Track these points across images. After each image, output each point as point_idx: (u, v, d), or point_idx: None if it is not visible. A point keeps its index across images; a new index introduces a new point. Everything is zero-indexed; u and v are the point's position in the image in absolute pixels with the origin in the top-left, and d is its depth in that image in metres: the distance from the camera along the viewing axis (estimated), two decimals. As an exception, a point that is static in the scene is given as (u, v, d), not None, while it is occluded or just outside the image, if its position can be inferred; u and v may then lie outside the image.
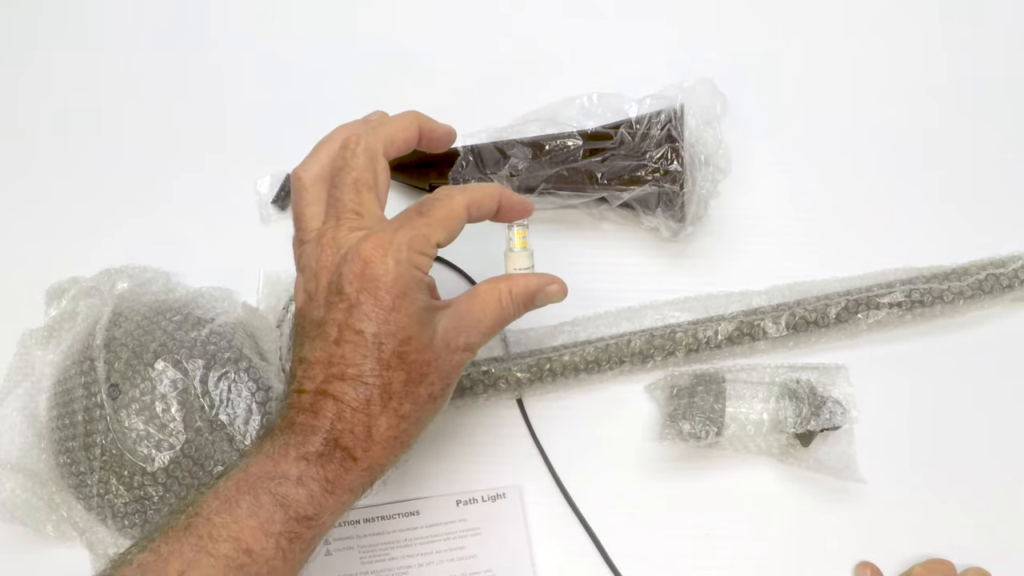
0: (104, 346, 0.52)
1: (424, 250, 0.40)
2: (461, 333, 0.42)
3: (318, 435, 0.40)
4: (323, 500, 0.40)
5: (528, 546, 0.54)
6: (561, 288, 0.46)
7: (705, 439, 0.51)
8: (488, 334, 0.44)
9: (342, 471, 0.40)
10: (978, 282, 0.56)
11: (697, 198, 0.55)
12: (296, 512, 0.39)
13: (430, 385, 0.42)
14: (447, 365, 0.42)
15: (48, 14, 0.67)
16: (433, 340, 0.41)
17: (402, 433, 0.41)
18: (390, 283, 0.39)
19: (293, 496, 0.39)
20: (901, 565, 0.53)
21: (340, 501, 0.41)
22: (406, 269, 0.40)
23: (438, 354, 0.41)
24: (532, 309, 0.46)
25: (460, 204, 0.42)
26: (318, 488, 0.40)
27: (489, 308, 0.43)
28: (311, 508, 0.39)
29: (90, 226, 0.62)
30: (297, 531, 0.39)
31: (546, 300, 0.45)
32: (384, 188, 0.44)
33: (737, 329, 0.55)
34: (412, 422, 0.42)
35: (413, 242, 0.40)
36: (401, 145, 0.44)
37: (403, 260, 0.39)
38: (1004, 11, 0.64)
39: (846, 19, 0.64)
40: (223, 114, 0.64)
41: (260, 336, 0.56)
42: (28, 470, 0.53)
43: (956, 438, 0.55)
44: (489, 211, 0.44)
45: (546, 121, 0.58)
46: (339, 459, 0.40)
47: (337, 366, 0.40)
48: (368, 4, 0.66)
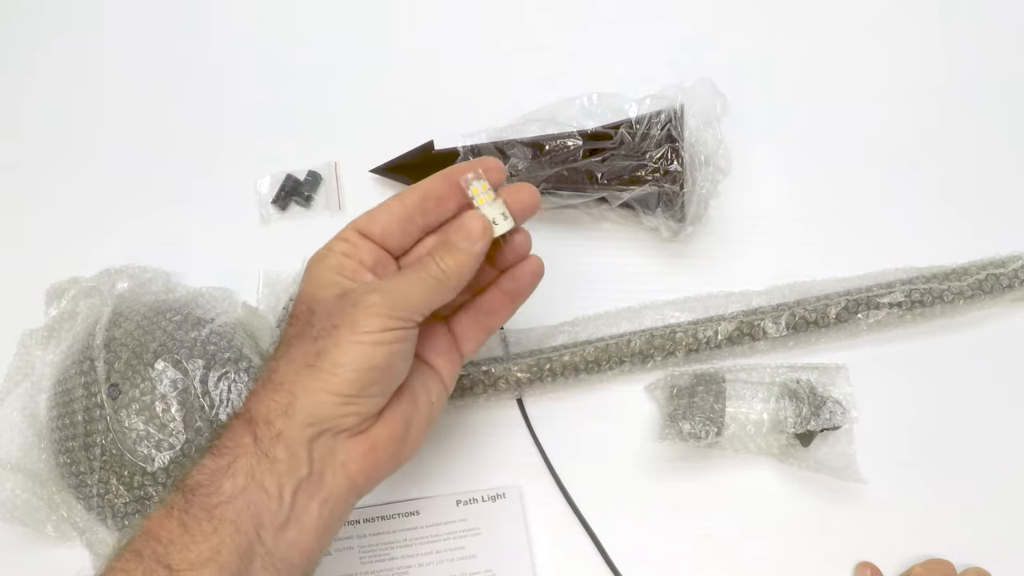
0: (104, 346, 0.52)
1: (341, 236, 0.43)
2: (373, 318, 0.39)
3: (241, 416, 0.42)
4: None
5: (528, 546, 0.54)
6: (524, 236, 0.45)
7: (705, 439, 0.51)
8: (420, 308, 0.41)
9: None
10: (978, 282, 0.56)
11: (697, 198, 0.55)
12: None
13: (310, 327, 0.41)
14: (337, 306, 0.40)
15: (48, 14, 0.67)
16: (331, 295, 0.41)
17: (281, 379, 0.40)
18: (309, 267, 0.43)
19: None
20: (901, 565, 0.53)
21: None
22: (319, 253, 0.43)
23: (326, 302, 0.41)
24: (480, 243, 0.42)
25: (394, 196, 0.43)
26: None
27: (420, 277, 0.41)
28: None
29: (90, 226, 0.62)
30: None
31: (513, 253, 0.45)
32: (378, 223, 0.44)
33: (737, 329, 0.55)
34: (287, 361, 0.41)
35: (335, 237, 0.43)
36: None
37: (323, 249, 0.43)
38: (1004, 11, 0.64)
39: (846, 19, 0.64)
40: (223, 114, 0.64)
41: (260, 336, 0.56)
42: (28, 470, 0.53)
43: (956, 438, 0.55)
44: (434, 188, 0.43)
45: (546, 121, 0.58)
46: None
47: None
48: (368, 4, 0.66)
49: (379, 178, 0.61)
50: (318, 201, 0.61)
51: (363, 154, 0.60)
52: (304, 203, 0.61)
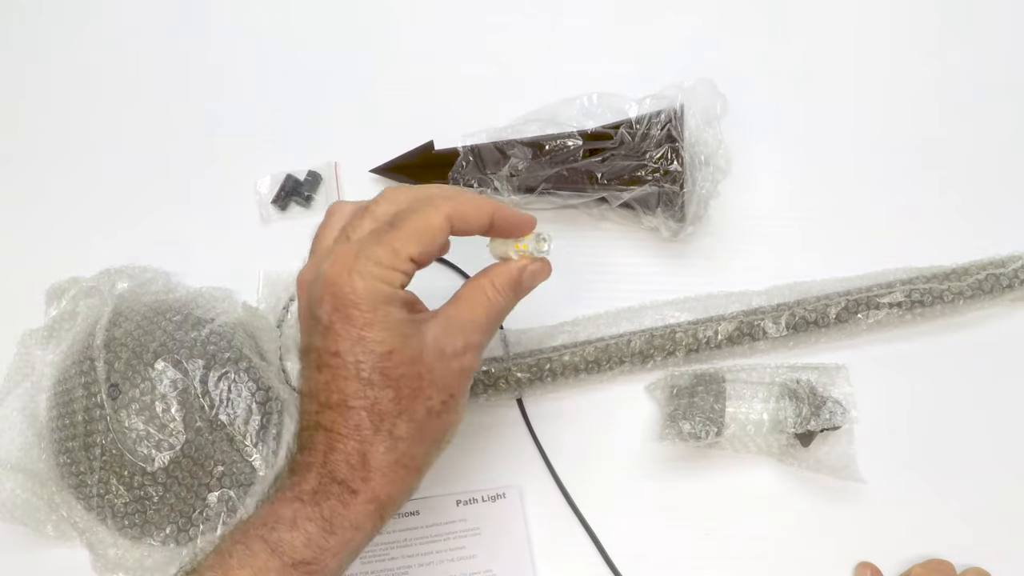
0: (104, 346, 0.52)
1: (394, 265, 0.38)
2: (455, 336, 0.40)
3: (312, 471, 0.38)
4: (322, 542, 0.38)
5: (528, 546, 0.54)
6: (544, 265, 0.44)
7: (705, 439, 0.51)
8: (484, 330, 0.41)
9: (340, 507, 0.38)
10: (978, 282, 0.56)
11: (697, 198, 0.55)
12: (291, 557, 0.37)
13: (427, 400, 0.39)
14: (445, 375, 0.39)
15: (48, 14, 0.67)
16: (423, 352, 0.39)
17: (403, 456, 0.39)
18: (358, 301, 0.37)
19: (287, 541, 0.37)
20: (901, 565, 0.53)
21: (343, 540, 0.38)
22: (373, 285, 0.37)
23: (431, 366, 0.39)
24: (523, 294, 0.44)
25: (439, 215, 0.38)
26: (315, 529, 0.38)
27: (478, 304, 0.41)
28: (308, 552, 0.37)
29: (90, 226, 0.62)
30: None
31: (532, 280, 0.43)
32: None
33: (737, 329, 0.55)
34: (414, 443, 0.39)
35: (381, 257, 0.37)
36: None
37: (368, 276, 0.37)
38: (1004, 12, 0.64)
39: (846, 19, 0.64)
40: (223, 114, 0.64)
41: (260, 336, 0.56)
42: (28, 470, 0.53)
43: (956, 438, 0.55)
44: (478, 226, 0.41)
45: (546, 121, 0.58)
46: (336, 494, 0.38)
47: (323, 393, 0.38)
48: (368, 4, 0.66)
49: (379, 178, 0.61)
50: (318, 201, 0.61)
51: (363, 154, 0.60)
52: (304, 203, 0.61)
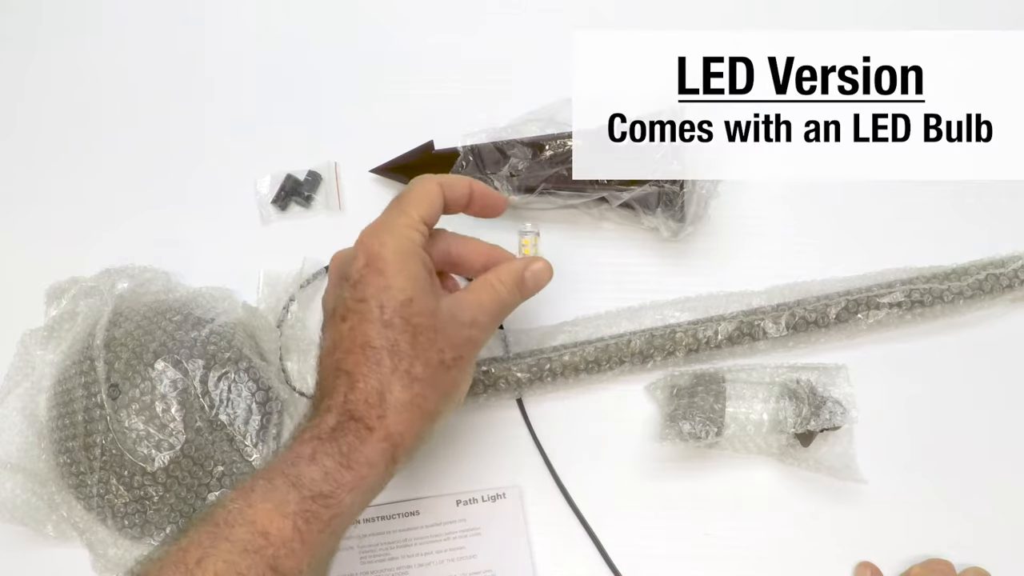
0: (104, 346, 0.52)
1: (409, 224, 0.43)
2: (465, 310, 0.44)
3: (332, 412, 0.41)
4: (339, 476, 0.40)
5: (528, 546, 0.54)
6: (546, 265, 0.48)
7: (705, 439, 0.51)
8: (490, 314, 0.45)
9: (357, 442, 0.40)
10: (978, 282, 0.56)
11: (697, 198, 0.55)
12: (310, 490, 0.39)
13: (440, 351, 0.42)
14: (456, 336, 0.43)
15: (47, 14, 0.67)
16: (438, 308, 0.43)
17: (417, 396, 0.41)
18: (388, 253, 0.42)
19: (307, 474, 0.39)
20: (901, 565, 0.53)
21: (359, 476, 0.40)
22: (399, 241, 0.43)
23: (444, 323, 0.43)
24: (528, 294, 0.47)
25: (432, 182, 0.45)
26: (332, 464, 0.40)
27: (485, 293, 0.45)
28: (326, 485, 0.39)
29: (90, 226, 0.62)
30: (313, 510, 0.39)
31: (536, 280, 0.47)
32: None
33: (737, 329, 0.55)
34: (427, 385, 0.42)
35: (399, 219, 0.43)
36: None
37: (396, 232, 0.43)
38: (1004, 12, 0.64)
39: (846, 19, 0.64)
40: (223, 114, 0.64)
41: (260, 336, 0.56)
42: (28, 470, 0.53)
43: (956, 438, 0.55)
44: (461, 194, 0.47)
45: (546, 121, 0.58)
46: (353, 430, 0.40)
47: (346, 340, 0.42)
48: (368, 5, 0.66)
49: (379, 178, 0.61)
50: (318, 201, 0.61)
51: (363, 154, 0.60)
52: (304, 203, 0.61)
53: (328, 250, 0.58)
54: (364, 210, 0.60)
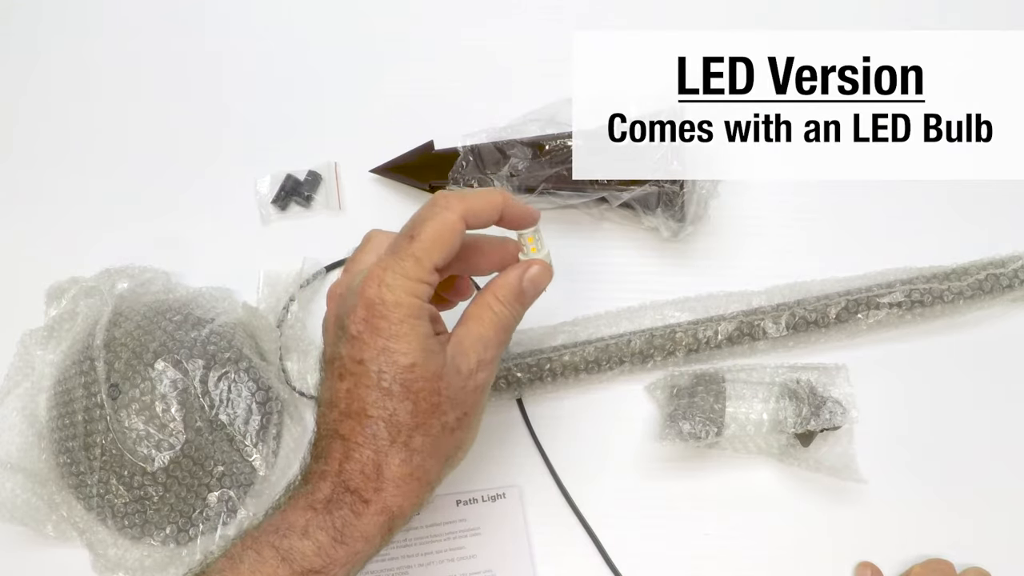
0: (104, 346, 0.52)
1: (420, 277, 0.39)
2: (469, 355, 0.41)
3: (327, 480, 0.39)
4: (332, 552, 0.38)
5: (528, 546, 0.54)
6: (543, 268, 0.44)
7: (705, 439, 0.51)
8: (495, 345, 0.42)
9: (352, 517, 0.38)
10: (978, 282, 0.56)
11: (697, 198, 0.55)
12: (301, 566, 0.37)
13: (443, 415, 0.40)
14: (462, 394, 0.41)
15: (48, 14, 0.67)
16: (443, 369, 0.40)
17: (417, 469, 0.39)
18: (387, 312, 0.38)
19: (298, 549, 0.38)
20: (901, 565, 0.53)
21: (352, 551, 0.39)
22: (402, 298, 0.39)
23: (449, 383, 0.40)
24: (529, 303, 0.44)
25: (453, 216, 0.40)
26: (326, 538, 0.38)
27: (484, 320, 0.42)
28: (318, 560, 0.38)
29: (90, 226, 0.62)
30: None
31: (535, 287, 0.44)
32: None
33: (737, 329, 0.55)
34: (427, 456, 0.40)
35: (407, 270, 0.39)
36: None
37: (398, 289, 0.39)
38: (1004, 12, 0.64)
39: (846, 18, 0.64)
40: (223, 114, 0.64)
41: (260, 336, 0.56)
42: (28, 470, 0.53)
43: (956, 438, 0.55)
44: (489, 219, 0.42)
45: (546, 121, 0.58)
46: (348, 503, 0.39)
47: (343, 402, 0.39)
48: (369, 4, 0.66)
49: (379, 178, 0.61)
50: (318, 201, 0.61)
51: (363, 154, 0.60)
52: (304, 203, 0.61)
53: (328, 250, 0.59)
54: (364, 210, 0.61)
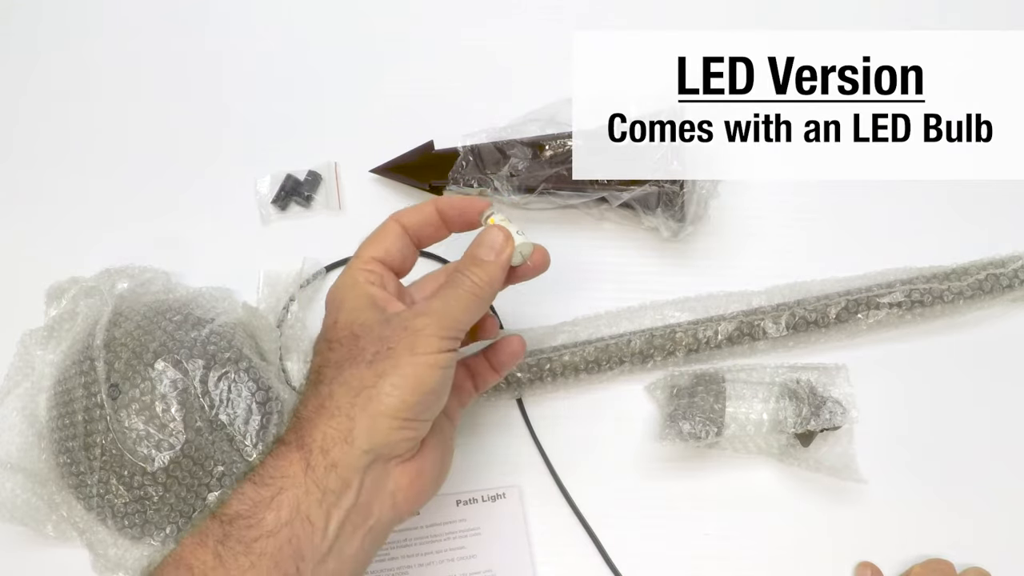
0: (104, 346, 0.52)
1: (359, 266, 0.43)
2: (412, 292, 0.46)
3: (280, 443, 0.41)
4: (253, 494, 0.39)
5: (528, 546, 0.54)
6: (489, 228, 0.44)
7: (705, 439, 0.51)
8: (434, 278, 0.47)
9: (270, 458, 0.40)
10: (978, 282, 0.56)
11: (697, 198, 0.55)
12: (226, 514, 0.38)
13: (361, 352, 0.40)
14: (384, 331, 0.40)
15: (48, 15, 0.67)
16: (367, 320, 0.41)
17: (325, 399, 0.40)
18: (335, 295, 0.43)
19: (227, 503, 0.39)
20: (901, 565, 0.53)
21: (275, 489, 0.38)
22: (344, 281, 0.43)
23: (370, 327, 0.41)
24: (487, 255, 0.43)
25: (389, 221, 0.44)
26: (249, 485, 0.39)
27: (440, 275, 0.46)
28: (241, 506, 0.39)
29: (90, 226, 0.62)
30: (232, 533, 0.38)
31: (492, 245, 0.43)
32: (382, 240, 0.45)
33: (737, 329, 0.55)
34: (336, 387, 0.40)
35: (350, 266, 0.43)
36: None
37: (342, 278, 0.43)
38: (1004, 12, 0.64)
39: (846, 18, 0.64)
40: (223, 114, 0.64)
41: (260, 336, 0.56)
42: (28, 470, 0.53)
43: (956, 438, 0.55)
44: (427, 216, 0.45)
45: (546, 121, 0.58)
46: (269, 452, 0.41)
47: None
48: (369, 4, 0.66)
49: (379, 178, 0.61)
50: (318, 201, 0.61)
51: (363, 154, 0.60)
52: (304, 203, 0.61)
53: (328, 250, 0.59)
54: (364, 210, 0.61)
